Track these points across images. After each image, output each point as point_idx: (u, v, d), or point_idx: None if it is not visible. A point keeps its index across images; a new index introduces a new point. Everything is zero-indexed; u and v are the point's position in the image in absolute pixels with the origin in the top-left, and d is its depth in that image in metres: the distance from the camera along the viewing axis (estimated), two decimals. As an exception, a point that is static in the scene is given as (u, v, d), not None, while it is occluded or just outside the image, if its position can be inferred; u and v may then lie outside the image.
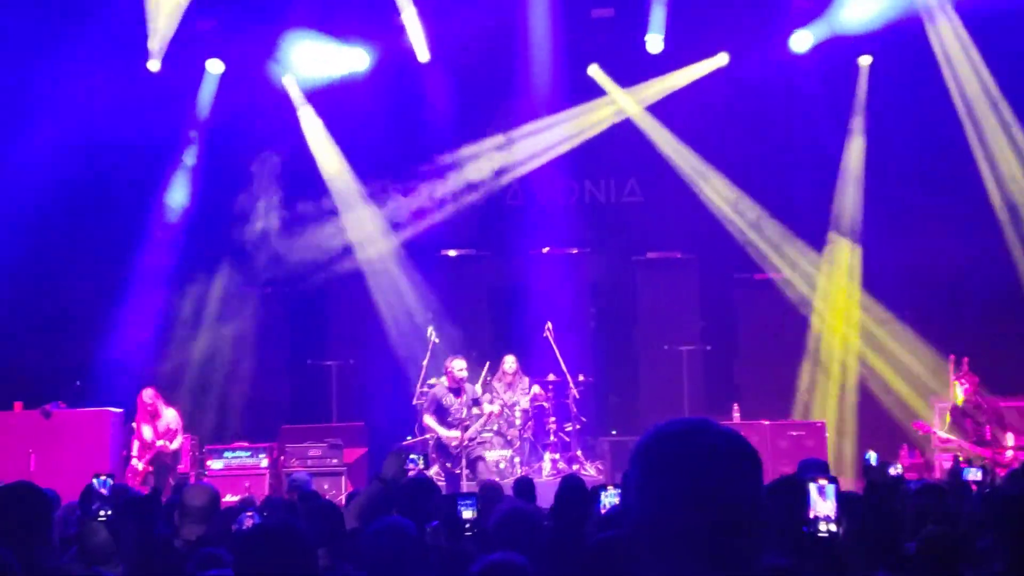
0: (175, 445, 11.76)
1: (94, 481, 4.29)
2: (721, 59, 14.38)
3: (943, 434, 11.27)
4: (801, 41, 14.03)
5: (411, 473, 5.75)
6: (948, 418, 11.31)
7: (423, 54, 14.30)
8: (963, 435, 11.17)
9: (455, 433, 11.59)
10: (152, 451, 11.66)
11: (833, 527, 2.56)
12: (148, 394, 11.80)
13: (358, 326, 14.90)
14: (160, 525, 5.19)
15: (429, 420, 11.73)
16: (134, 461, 11.65)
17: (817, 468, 6.84)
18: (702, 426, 1.79)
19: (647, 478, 1.78)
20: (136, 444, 11.76)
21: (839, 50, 13.89)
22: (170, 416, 11.86)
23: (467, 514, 5.19)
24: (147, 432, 11.72)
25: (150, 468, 11.63)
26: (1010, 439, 11.18)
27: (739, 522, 1.73)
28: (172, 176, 14.54)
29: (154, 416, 11.75)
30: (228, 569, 3.78)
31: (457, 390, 11.71)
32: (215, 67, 14.27)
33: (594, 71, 14.80)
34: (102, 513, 4.15)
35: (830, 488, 2.59)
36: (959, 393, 11.26)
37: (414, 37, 14.14)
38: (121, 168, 14.07)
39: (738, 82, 14.24)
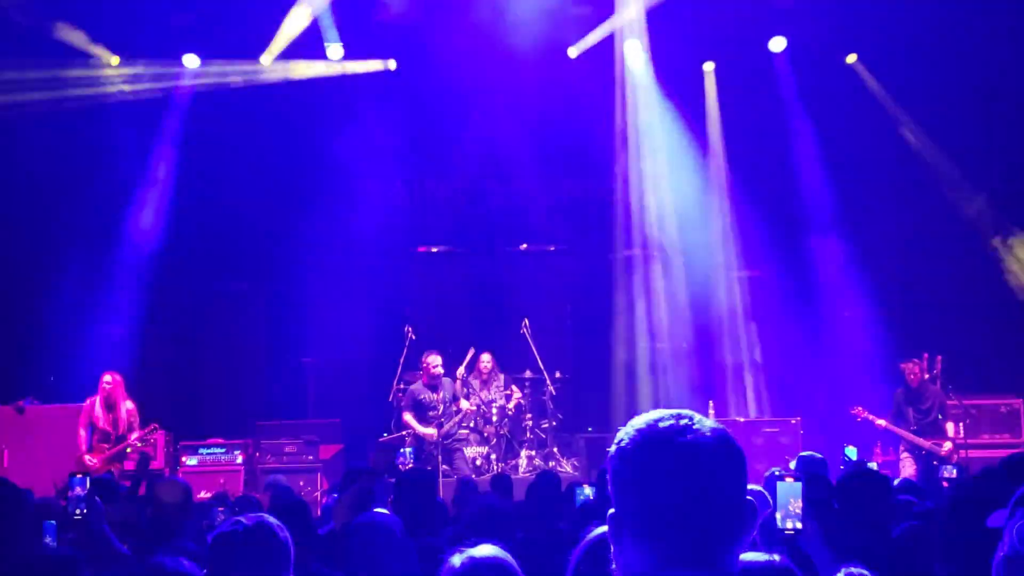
0: (138, 441, 11.22)
1: (70, 479, 4.25)
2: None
3: (881, 422, 11.42)
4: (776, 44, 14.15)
5: (403, 468, 5.75)
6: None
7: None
8: (903, 424, 11.37)
9: (431, 430, 11.66)
10: (111, 445, 11.21)
11: (799, 524, 2.59)
12: (108, 379, 11.27)
13: (334, 322, 14.85)
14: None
15: (408, 418, 11.82)
16: (87, 458, 10.98)
17: (818, 465, 6.93)
18: (686, 423, 1.79)
19: (631, 471, 1.78)
20: (82, 433, 11.13)
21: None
22: (130, 407, 11.36)
23: None
24: (101, 415, 11.18)
25: (112, 467, 11.02)
26: (950, 429, 11.37)
27: (720, 520, 1.73)
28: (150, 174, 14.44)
29: (112, 406, 11.23)
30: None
31: (434, 386, 11.79)
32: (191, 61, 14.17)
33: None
34: (78, 512, 4.11)
35: (796, 487, 2.62)
36: (912, 376, 11.39)
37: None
38: (96, 160, 13.95)
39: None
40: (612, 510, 1.79)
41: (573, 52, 14.32)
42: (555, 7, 13.55)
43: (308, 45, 14.01)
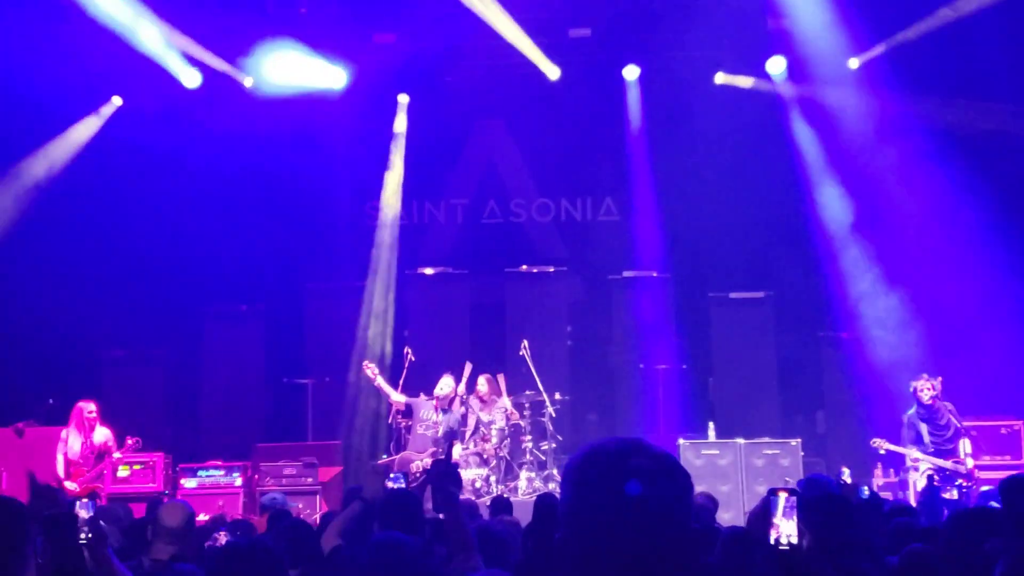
0: (124, 469, 11.36)
1: (76, 503, 4.23)
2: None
3: (901, 450, 11.19)
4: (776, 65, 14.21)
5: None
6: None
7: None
8: (922, 446, 11.10)
9: (401, 397, 12.12)
10: (88, 469, 11.28)
11: (795, 539, 2.59)
12: (91, 408, 11.37)
13: (334, 344, 14.85)
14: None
15: (389, 389, 12.14)
16: (68, 484, 11.04)
17: (824, 486, 6.92)
18: (633, 446, 1.78)
19: (575, 495, 1.78)
20: (60, 459, 11.18)
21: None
22: (105, 434, 11.47)
23: None
24: (76, 445, 11.26)
25: (94, 486, 11.19)
26: (967, 446, 11.16)
27: (664, 543, 1.72)
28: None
29: (91, 429, 11.35)
30: None
31: (445, 411, 11.89)
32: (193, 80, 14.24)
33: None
34: (83, 536, 4.09)
35: (792, 501, 2.63)
36: (926, 393, 11.15)
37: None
38: (98, 182, 14.02)
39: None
40: (561, 528, 1.79)
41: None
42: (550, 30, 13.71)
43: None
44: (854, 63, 13.99)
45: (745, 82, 14.48)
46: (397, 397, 12.30)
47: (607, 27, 14.20)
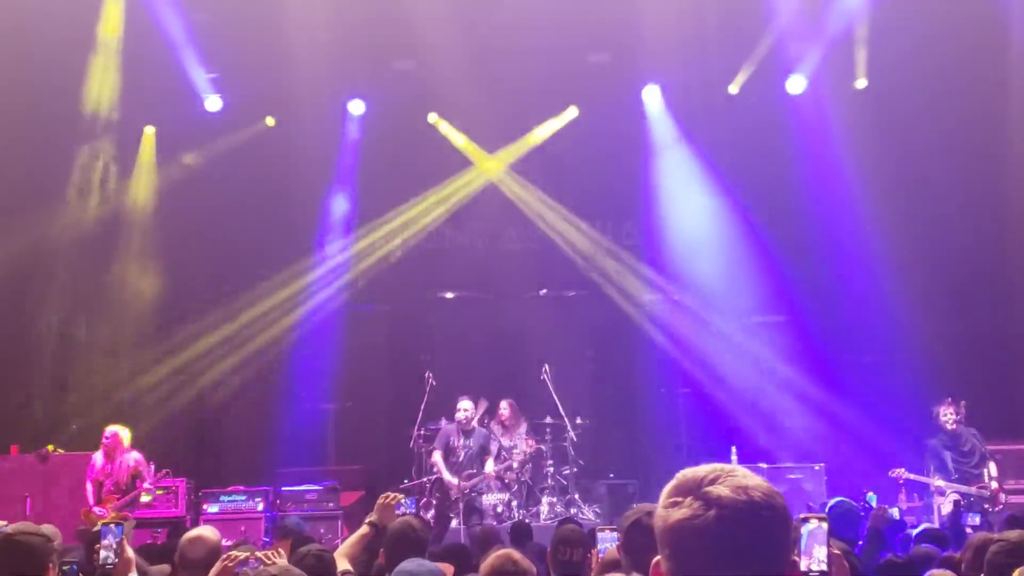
0: (146, 497, 11.15)
1: (102, 529, 4.26)
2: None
3: (922, 479, 11.07)
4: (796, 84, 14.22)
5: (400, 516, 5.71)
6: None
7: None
8: (945, 473, 11.00)
9: (454, 479, 11.65)
10: (118, 496, 11.07)
11: (825, 567, 2.59)
12: (109, 430, 11.24)
13: (356, 368, 14.87)
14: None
15: (437, 457, 11.85)
16: (97, 509, 10.95)
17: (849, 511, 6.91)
18: (722, 476, 1.75)
19: (664, 527, 1.76)
20: (89, 488, 11.15)
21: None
22: (133, 458, 11.26)
23: None
24: (100, 471, 11.17)
25: (125, 515, 10.96)
26: (993, 468, 11.04)
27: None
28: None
29: (110, 455, 11.18)
30: None
31: (468, 432, 11.82)
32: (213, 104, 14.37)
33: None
34: (109, 562, 4.13)
35: (823, 527, 2.63)
36: (950, 419, 11.07)
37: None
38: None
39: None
40: (657, 558, 1.78)
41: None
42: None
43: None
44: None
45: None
46: (451, 479, 11.86)
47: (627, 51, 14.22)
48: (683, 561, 1.73)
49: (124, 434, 11.33)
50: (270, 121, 14.45)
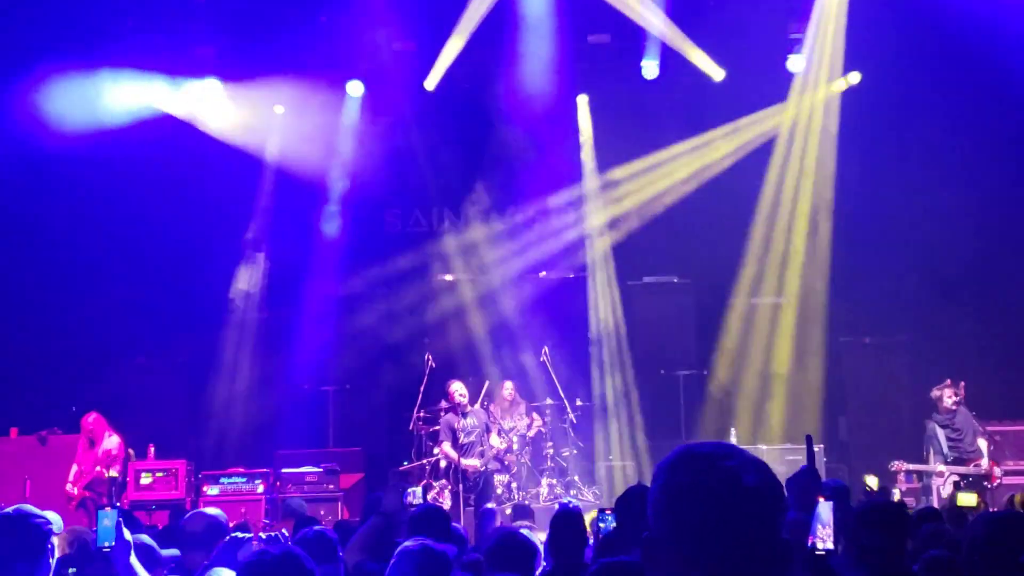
0: (113, 472, 11.50)
1: (98, 512, 4.25)
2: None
3: (922, 468, 11.16)
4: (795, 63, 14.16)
5: (413, 507, 5.68)
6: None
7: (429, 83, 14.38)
8: (940, 456, 11.05)
9: (474, 461, 11.70)
10: (88, 476, 11.58)
11: (830, 544, 2.60)
12: (90, 419, 11.73)
13: (355, 351, 14.84)
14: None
15: (448, 448, 11.85)
16: (68, 486, 11.56)
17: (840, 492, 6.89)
18: (727, 451, 1.77)
19: (667, 499, 1.76)
20: (73, 468, 11.68)
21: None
22: (112, 443, 11.72)
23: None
24: (82, 453, 11.72)
25: (86, 493, 11.51)
26: (983, 446, 11.10)
27: (754, 553, 1.71)
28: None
29: (93, 442, 11.68)
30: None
31: (464, 414, 11.85)
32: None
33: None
34: (106, 544, 4.12)
35: (827, 507, 2.63)
36: (950, 401, 11.13)
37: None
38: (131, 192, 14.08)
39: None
40: (647, 533, 1.77)
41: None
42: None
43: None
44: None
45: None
46: (470, 462, 11.94)
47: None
48: (687, 533, 1.73)
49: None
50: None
